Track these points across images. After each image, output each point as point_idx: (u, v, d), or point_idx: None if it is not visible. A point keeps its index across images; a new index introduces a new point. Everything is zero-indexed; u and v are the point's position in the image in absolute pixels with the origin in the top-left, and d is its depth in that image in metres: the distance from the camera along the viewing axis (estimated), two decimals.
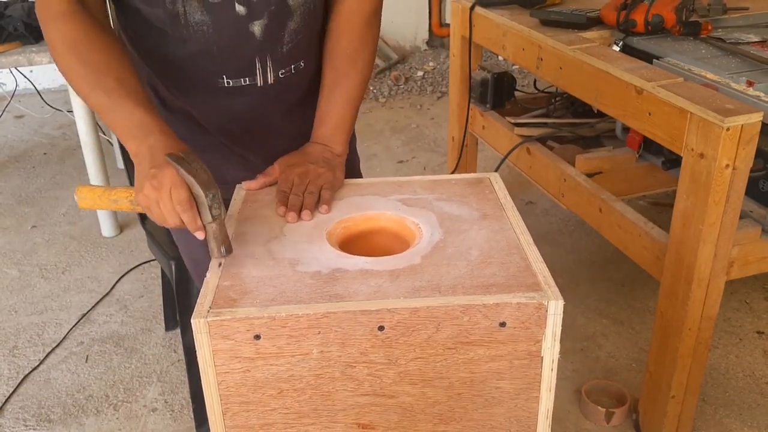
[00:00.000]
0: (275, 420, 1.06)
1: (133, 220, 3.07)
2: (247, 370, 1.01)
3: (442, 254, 1.10)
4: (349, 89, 1.38)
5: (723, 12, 2.30)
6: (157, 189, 1.08)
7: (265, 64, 1.31)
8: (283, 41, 1.31)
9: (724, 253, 1.69)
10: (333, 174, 1.32)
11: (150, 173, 1.09)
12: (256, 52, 1.30)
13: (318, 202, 1.25)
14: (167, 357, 2.34)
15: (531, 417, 1.08)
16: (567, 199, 2.20)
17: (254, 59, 1.30)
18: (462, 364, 1.02)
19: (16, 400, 2.18)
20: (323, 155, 1.36)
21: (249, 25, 1.26)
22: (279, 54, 1.32)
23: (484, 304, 0.98)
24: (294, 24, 1.31)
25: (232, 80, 1.31)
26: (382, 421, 1.07)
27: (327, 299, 1.00)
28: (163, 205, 1.09)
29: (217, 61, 1.29)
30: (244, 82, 1.32)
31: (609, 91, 1.89)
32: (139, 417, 2.11)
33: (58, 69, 1.20)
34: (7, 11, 2.69)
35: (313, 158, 1.34)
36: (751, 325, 2.43)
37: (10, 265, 2.85)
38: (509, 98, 2.68)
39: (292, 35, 1.32)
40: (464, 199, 1.27)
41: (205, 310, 0.98)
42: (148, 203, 1.11)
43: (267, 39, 1.29)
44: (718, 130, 1.54)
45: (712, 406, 2.09)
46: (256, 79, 1.32)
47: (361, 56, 1.38)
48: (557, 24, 2.20)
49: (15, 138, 4.03)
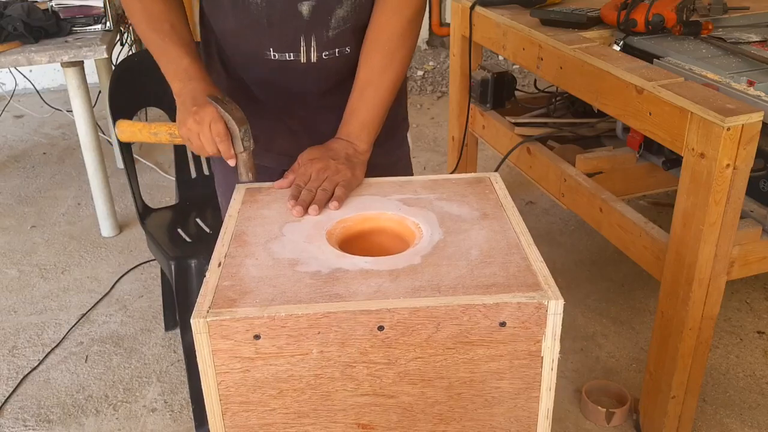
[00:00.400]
0: (275, 420, 1.05)
1: (133, 220, 3.06)
2: (246, 370, 1.01)
3: (442, 254, 1.10)
4: (382, 89, 1.40)
5: (723, 11, 2.29)
6: (199, 123, 1.28)
7: (309, 43, 1.38)
8: (329, 25, 1.36)
9: (725, 253, 1.68)
10: (352, 172, 1.34)
11: (193, 110, 1.29)
12: (302, 31, 1.36)
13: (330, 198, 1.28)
14: (167, 357, 2.33)
15: (531, 417, 1.07)
16: (567, 199, 2.19)
17: (299, 37, 1.37)
18: (462, 363, 1.02)
19: (16, 400, 2.17)
20: (346, 151, 1.38)
21: (298, 4, 1.33)
22: (324, 36, 1.37)
23: (484, 304, 0.98)
24: (343, 11, 1.36)
25: (278, 54, 1.38)
26: (381, 421, 1.06)
27: (327, 299, 1.00)
28: (203, 136, 1.28)
29: (266, 35, 1.37)
30: (289, 57, 1.39)
31: (609, 90, 1.89)
32: (138, 417, 2.10)
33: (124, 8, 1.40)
34: (6, 11, 2.68)
35: (334, 154, 1.36)
36: (751, 325, 2.43)
37: (10, 265, 2.85)
38: (509, 98, 2.67)
39: (339, 21, 1.37)
40: (464, 199, 1.27)
41: (204, 310, 0.98)
42: (190, 135, 1.30)
43: (313, 20, 1.35)
44: (718, 129, 1.54)
45: (712, 407, 2.09)
46: (299, 56, 1.39)
47: (398, 57, 1.40)
48: (557, 23, 2.19)
49: (14, 138, 4.03)
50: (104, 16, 2.84)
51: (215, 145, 1.29)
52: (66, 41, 2.72)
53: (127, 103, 2.22)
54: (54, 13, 2.79)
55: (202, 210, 2.30)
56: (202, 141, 1.29)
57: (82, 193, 3.36)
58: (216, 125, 1.27)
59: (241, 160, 1.31)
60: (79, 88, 2.77)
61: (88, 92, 2.82)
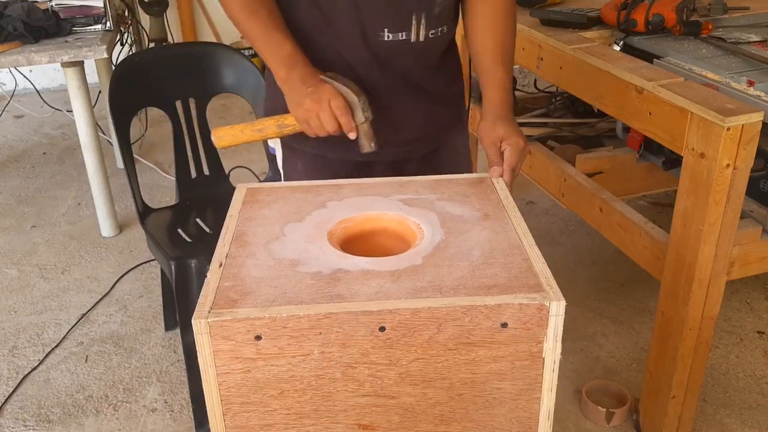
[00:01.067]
0: (276, 420, 1.05)
1: (133, 220, 3.06)
2: (247, 371, 1.01)
3: (443, 255, 1.10)
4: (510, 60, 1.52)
5: (723, 11, 2.29)
6: (317, 102, 1.33)
7: (419, 21, 1.43)
8: (435, 2, 1.43)
9: (725, 253, 1.69)
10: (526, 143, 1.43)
11: (308, 91, 1.34)
12: (414, 9, 1.41)
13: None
14: (167, 357, 2.33)
15: (532, 418, 1.07)
16: (567, 199, 2.19)
17: (411, 15, 1.42)
18: (463, 364, 1.02)
19: (16, 401, 2.17)
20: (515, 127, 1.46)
21: None
22: (432, 14, 1.43)
23: (486, 305, 0.98)
24: None
25: (392, 34, 1.42)
26: (383, 421, 1.06)
27: (328, 300, 1.00)
28: (322, 114, 1.33)
29: (381, 14, 1.40)
30: (401, 36, 1.43)
31: (609, 90, 1.89)
32: (138, 417, 2.10)
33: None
34: (6, 11, 2.68)
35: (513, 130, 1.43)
36: (751, 325, 2.43)
37: (10, 265, 2.85)
38: None
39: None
40: (466, 199, 1.27)
41: (205, 310, 0.98)
42: (308, 115, 1.35)
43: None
44: (718, 129, 1.54)
45: (712, 406, 2.09)
46: (410, 34, 1.43)
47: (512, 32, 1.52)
48: (557, 23, 2.19)
49: (14, 138, 4.03)
50: (104, 16, 2.84)
51: (335, 121, 1.33)
52: (66, 41, 2.72)
53: (127, 103, 2.22)
54: (54, 13, 2.78)
55: (202, 210, 2.30)
56: (321, 119, 1.34)
57: (82, 193, 3.36)
58: (335, 100, 1.32)
59: (362, 131, 1.35)
60: (79, 88, 2.77)
61: (88, 92, 2.82)
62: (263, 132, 1.42)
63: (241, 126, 1.43)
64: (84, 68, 2.77)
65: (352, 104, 1.34)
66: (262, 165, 2.87)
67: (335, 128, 1.34)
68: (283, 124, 1.41)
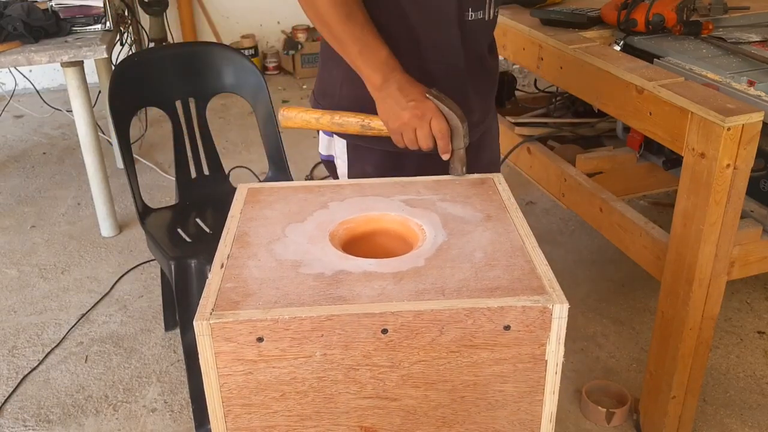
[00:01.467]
0: (277, 422, 1.05)
1: (133, 220, 3.06)
2: (249, 373, 1.01)
3: (445, 256, 1.10)
4: None
5: (724, 11, 2.29)
6: (418, 118, 1.30)
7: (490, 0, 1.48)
8: None
9: (725, 253, 1.69)
10: None
11: (410, 105, 1.31)
12: None
13: None
14: (167, 357, 2.33)
15: (534, 420, 1.07)
16: (567, 199, 2.19)
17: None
18: (466, 367, 1.02)
19: (16, 401, 2.17)
20: None
21: None
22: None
23: (489, 308, 0.98)
24: None
25: (474, 13, 1.45)
26: (384, 423, 1.06)
27: (330, 302, 0.99)
28: (420, 131, 1.31)
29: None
30: (478, 15, 1.46)
31: (610, 90, 1.89)
32: (138, 417, 2.10)
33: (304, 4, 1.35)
34: (6, 11, 2.68)
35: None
36: (752, 326, 2.43)
37: (10, 265, 2.84)
38: (510, 98, 2.67)
39: None
40: (468, 200, 1.26)
41: (207, 312, 0.98)
42: (405, 129, 1.32)
43: None
44: (719, 129, 1.54)
45: (712, 407, 2.09)
46: (485, 13, 1.47)
47: None
48: (558, 23, 2.19)
49: (14, 138, 4.02)
50: (104, 16, 2.83)
51: (432, 141, 1.32)
52: (66, 41, 2.71)
53: (127, 103, 2.22)
54: (54, 13, 2.78)
55: (201, 210, 2.30)
56: (418, 136, 1.32)
57: (82, 193, 3.36)
58: (437, 122, 1.30)
59: (458, 156, 1.34)
60: (79, 88, 2.76)
61: (88, 92, 2.82)
62: (343, 127, 1.39)
63: (317, 113, 1.39)
64: (84, 68, 2.77)
65: (454, 128, 1.31)
66: (262, 165, 2.86)
67: (429, 147, 1.33)
68: (368, 125, 1.37)
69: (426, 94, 1.32)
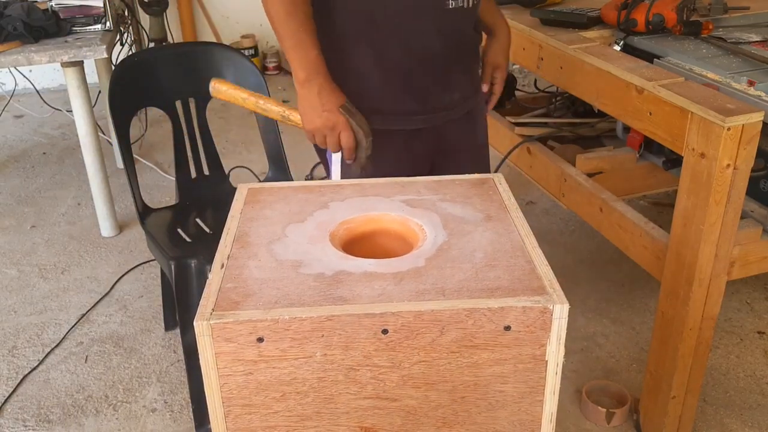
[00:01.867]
0: (278, 423, 1.05)
1: (133, 220, 3.06)
2: (249, 373, 1.01)
3: (446, 257, 1.10)
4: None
5: (724, 11, 2.29)
6: (329, 128, 1.46)
7: None
8: None
9: (725, 253, 1.69)
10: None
11: (324, 115, 1.45)
12: None
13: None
14: (167, 357, 2.33)
15: (535, 421, 1.07)
16: (567, 199, 2.19)
17: None
18: (466, 367, 1.02)
19: (16, 401, 2.17)
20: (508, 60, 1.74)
21: None
22: None
23: (489, 308, 0.98)
24: None
25: (454, 2, 1.53)
26: (385, 424, 1.06)
27: (330, 302, 1.00)
28: (329, 139, 1.48)
29: None
30: (458, 4, 1.54)
31: (609, 90, 1.89)
32: (138, 417, 2.10)
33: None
34: (6, 11, 2.68)
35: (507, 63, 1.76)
36: (752, 326, 2.43)
37: (10, 265, 2.84)
38: (509, 98, 2.65)
39: None
40: (468, 200, 1.27)
41: (207, 312, 0.98)
42: (316, 132, 1.48)
43: None
44: (719, 129, 1.54)
45: (712, 407, 2.09)
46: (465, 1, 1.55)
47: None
48: (558, 23, 2.19)
49: (14, 138, 4.02)
50: (104, 16, 2.83)
51: (339, 147, 1.48)
52: (66, 41, 2.71)
53: (127, 103, 2.22)
54: (54, 13, 2.78)
55: (201, 210, 2.30)
56: (327, 142, 1.48)
57: (82, 193, 3.36)
58: (345, 135, 1.46)
59: (359, 163, 1.50)
60: (79, 88, 2.76)
61: (88, 92, 2.82)
62: (266, 112, 1.53)
63: (246, 93, 1.53)
64: (84, 68, 2.77)
65: (359, 142, 1.47)
66: (262, 165, 2.86)
67: (337, 151, 1.49)
68: (287, 117, 1.52)
69: (339, 108, 1.45)
